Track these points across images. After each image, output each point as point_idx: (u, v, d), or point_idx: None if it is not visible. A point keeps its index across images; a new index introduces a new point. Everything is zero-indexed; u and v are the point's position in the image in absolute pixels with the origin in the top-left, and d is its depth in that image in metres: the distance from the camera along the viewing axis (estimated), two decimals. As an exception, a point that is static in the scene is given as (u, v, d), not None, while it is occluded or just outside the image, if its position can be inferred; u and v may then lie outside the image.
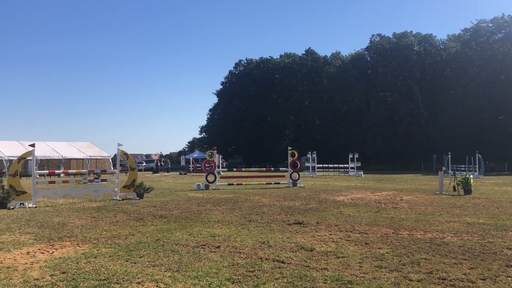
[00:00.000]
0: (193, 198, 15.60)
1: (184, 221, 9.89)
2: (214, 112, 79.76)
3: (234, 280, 5.11)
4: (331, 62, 69.37)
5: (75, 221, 10.20)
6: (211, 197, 16.09)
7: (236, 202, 13.98)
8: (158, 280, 5.11)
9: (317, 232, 8.41)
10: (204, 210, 11.92)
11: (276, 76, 72.05)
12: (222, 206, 13.02)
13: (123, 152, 16.49)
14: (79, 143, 49.88)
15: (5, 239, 7.92)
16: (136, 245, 7.20)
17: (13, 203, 13.03)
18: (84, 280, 5.14)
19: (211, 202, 14.06)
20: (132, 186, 15.87)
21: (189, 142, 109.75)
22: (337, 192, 17.86)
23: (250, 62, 77.80)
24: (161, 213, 11.34)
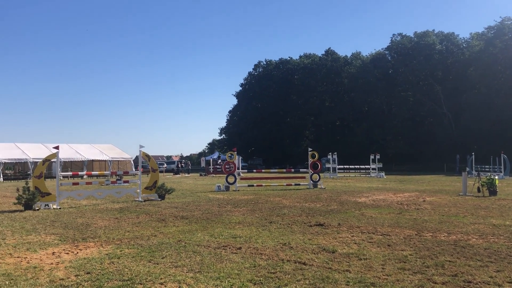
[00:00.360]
0: (214, 199, 15.67)
1: (205, 222, 9.94)
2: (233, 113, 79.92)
3: (256, 282, 5.11)
4: (351, 62, 68.81)
5: (99, 222, 10.35)
6: (232, 198, 16.13)
7: (256, 204, 13.99)
8: (181, 281, 5.15)
9: (339, 233, 8.35)
10: (225, 211, 11.97)
11: (296, 77, 71.86)
12: (242, 207, 13.04)
13: (144, 154, 16.67)
14: (101, 145, 50.62)
15: (31, 240, 8.09)
16: (158, 246, 7.27)
17: (38, 204, 13.30)
18: (108, 281, 5.21)
19: (231, 204, 14.10)
20: (153, 187, 16.03)
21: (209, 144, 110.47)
22: (358, 194, 17.71)
23: (270, 63, 77.75)
24: (183, 214, 11.42)
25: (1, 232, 8.94)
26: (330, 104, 68.46)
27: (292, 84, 71.03)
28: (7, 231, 9.14)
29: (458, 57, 58.21)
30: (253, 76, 78.39)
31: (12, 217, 11.44)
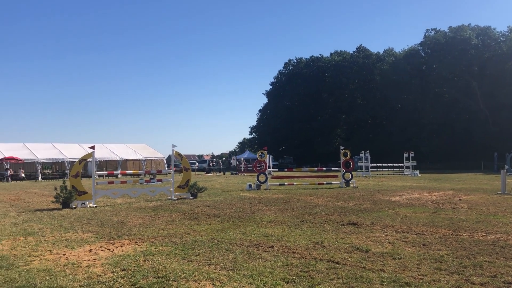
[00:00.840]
0: (245, 198, 15.73)
1: (237, 221, 9.99)
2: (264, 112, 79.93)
3: (288, 280, 5.11)
4: (383, 59, 67.65)
5: (133, 220, 10.56)
6: (263, 197, 16.16)
7: (288, 202, 13.96)
8: (214, 279, 5.20)
9: (372, 233, 8.24)
10: (257, 210, 12.00)
11: (327, 74, 71.23)
12: (274, 206, 13.05)
13: (177, 153, 16.89)
14: (135, 144, 51.63)
15: (69, 237, 8.34)
16: (191, 243, 7.36)
17: (75, 203, 13.69)
18: (143, 277, 5.32)
19: (263, 202, 14.13)
20: (186, 186, 16.23)
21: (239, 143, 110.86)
22: (392, 192, 17.41)
23: (300, 61, 77.36)
24: (215, 213, 11.52)
25: (41, 230, 9.26)
26: (362, 102, 67.53)
27: (323, 82, 70.43)
28: (46, 228, 9.45)
29: (496, 52, 56.26)
30: (284, 75, 78.18)
31: (51, 215, 11.82)
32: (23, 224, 10.19)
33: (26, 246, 7.47)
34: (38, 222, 10.46)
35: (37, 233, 8.87)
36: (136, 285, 5.00)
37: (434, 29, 60.74)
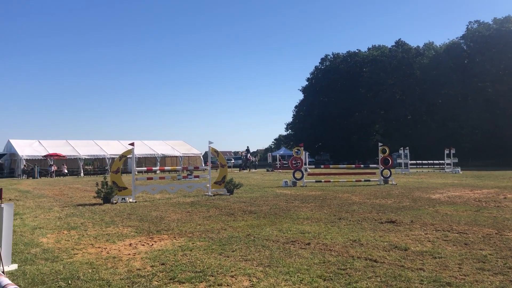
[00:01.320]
0: (281, 195, 15.72)
1: (274, 217, 10.00)
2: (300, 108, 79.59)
3: (325, 278, 5.07)
4: (423, 53, 65.99)
5: (171, 215, 10.75)
6: (299, 194, 16.10)
7: (324, 200, 13.85)
8: (251, 274, 5.22)
9: (412, 231, 8.06)
10: (293, 207, 11.97)
11: (364, 69, 70.16)
12: (310, 203, 12.97)
13: (213, 150, 17.06)
14: (172, 141, 52.52)
15: (110, 231, 8.57)
16: (228, 239, 7.42)
17: (115, 198, 14.06)
18: (182, 272, 5.40)
19: (299, 199, 14.07)
20: (222, 182, 16.37)
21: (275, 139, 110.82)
22: (432, 190, 16.98)
23: (337, 56, 76.55)
24: (251, 209, 11.57)
25: (83, 224, 9.57)
26: (401, 97, 66.12)
27: (361, 77, 69.42)
28: (88, 223, 9.75)
29: (544, 43, 53.84)
30: (320, 70, 77.59)
31: (93, 209, 12.19)
32: (66, 218, 10.55)
33: (69, 240, 7.74)
34: (81, 216, 10.81)
35: (80, 227, 9.17)
36: (175, 279, 5.09)
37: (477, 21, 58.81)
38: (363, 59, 72.13)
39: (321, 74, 76.32)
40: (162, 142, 51.22)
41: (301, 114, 78.29)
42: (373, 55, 70.92)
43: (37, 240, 7.73)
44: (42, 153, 40.50)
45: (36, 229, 8.92)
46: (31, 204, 13.91)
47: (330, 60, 77.06)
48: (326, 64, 77.48)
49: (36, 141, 43.67)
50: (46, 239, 7.89)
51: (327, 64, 77.35)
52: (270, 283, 4.90)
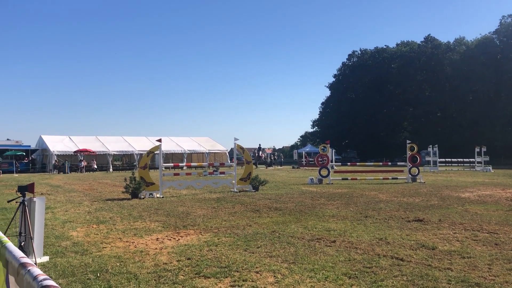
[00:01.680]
0: (307, 192, 15.67)
1: (299, 214, 9.98)
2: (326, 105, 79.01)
3: (351, 275, 5.04)
4: (454, 49, 64.38)
5: (197, 211, 10.86)
6: (325, 191, 16.01)
7: (351, 197, 13.74)
8: (276, 271, 5.23)
9: (439, 230, 7.91)
10: (318, 204, 11.91)
11: (393, 66, 69.03)
12: (336, 200, 12.89)
13: (239, 146, 17.13)
14: (199, 138, 52.97)
15: (137, 226, 8.73)
16: (253, 235, 7.45)
17: (143, 193, 14.29)
18: (207, 267, 5.46)
19: (325, 197, 14.00)
20: (248, 178, 16.43)
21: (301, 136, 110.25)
22: (461, 189, 16.61)
23: (365, 52, 75.58)
24: (276, 206, 11.58)
25: (112, 218, 9.77)
26: (431, 94, 64.75)
27: (389, 74, 68.32)
28: (117, 217, 9.95)
29: None
30: (347, 67, 76.79)
31: (121, 204, 12.43)
32: (95, 212, 10.80)
33: (98, 234, 7.92)
34: (109, 211, 11.04)
35: (108, 221, 9.37)
36: (200, 274, 5.15)
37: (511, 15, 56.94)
38: (391, 55, 70.95)
39: (349, 71, 75.53)
40: (189, 138, 51.73)
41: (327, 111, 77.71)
42: (402, 51, 69.67)
43: (68, 234, 7.94)
44: (73, 148, 41.47)
45: (67, 223, 9.17)
46: (62, 199, 14.28)
47: (358, 56, 76.16)
48: (354, 60, 76.62)
49: (66, 137, 44.75)
50: (76, 232, 8.09)
51: (354, 60, 76.48)
52: (295, 279, 4.90)
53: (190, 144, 49.90)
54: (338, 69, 78.55)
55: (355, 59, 76.35)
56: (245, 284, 4.77)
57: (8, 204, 11.86)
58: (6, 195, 15.53)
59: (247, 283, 4.79)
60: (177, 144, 48.03)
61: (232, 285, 4.74)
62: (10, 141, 44.25)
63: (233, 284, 4.76)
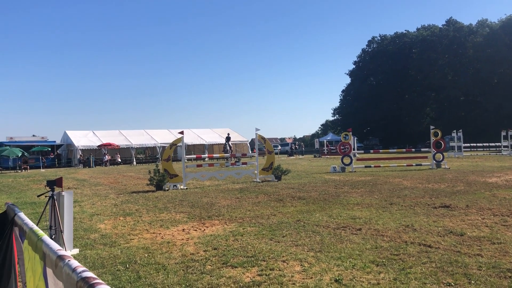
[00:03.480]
0: (330, 181, 15.59)
1: (323, 203, 9.94)
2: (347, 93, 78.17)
3: (378, 263, 5.00)
4: (477, 31, 62.75)
5: (221, 201, 10.93)
6: (348, 179, 15.90)
7: (375, 185, 13.61)
8: (302, 259, 5.23)
9: (467, 216, 7.78)
10: (342, 193, 11.84)
11: (414, 50, 67.72)
12: (360, 188, 12.79)
13: (260, 137, 17.12)
14: (220, 129, 53.15)
15: (163, 217, 8.84)
16: (278, 225, 7.46)
17: (167, 185, 14.45)
18: (234, 257, 5.50)
19: (348, 185, 13.91)
20: (270, 168, 16.43)
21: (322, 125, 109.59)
22: (488, 173, 16.29)
23: (384, 38, 74.33)
24: (300, 195, 11.56)
25: (138, 210, 9.91)
26: (453, 78, 63.37)
27: (410, 59, 67.09)
28: (142, 209, 10.10)
29: None
30: (367, 53, 75.69)
31: (146, 196, 12.60)
32: (122, 205, 10.97)
33: (125, 226, 8.05)
34: (135, 203, 11.20)
35: (135, 213, 9.51)
36: (227, 264, 5.19)
37: (536, -6, 55.12)
38: (412, 40, 69.58)
39: (369, 57, 74.46)
40: (210, 130, 51.97)
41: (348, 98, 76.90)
42: (423, 35, 68.24)
43: (96, 226, 8.09)
44: (97, 143, 42.14)
45: (94, 216, 9.34)
46: (88, 192, 14.55)
47: (378, 42, 74.95)
48: (374, 46, 75.46)
49: (90, 131, 45.48)
50: (104, 225, 8.24)
51: (374, 46, 75.32)
52: (322, 268, 4.89)
53: (211, 135, 50.13)
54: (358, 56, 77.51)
55: (375, 45, 75.17)
56: (272, 273, 4.78)
57: (37, 198, 12.17)
58: (35, 190, 15.91)
59: (274, 272, 4.80)
60: (199, 136, 48.31)
61: (260, 274, 4.76)
62: (36, 137, 45.19)
63: (261, 273, 4.78)
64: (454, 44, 63.10)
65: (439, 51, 64.17)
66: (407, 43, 69.69)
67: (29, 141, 43.09)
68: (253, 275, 4.75)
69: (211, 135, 50.29)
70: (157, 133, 47.72)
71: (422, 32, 69.61)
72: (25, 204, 11.66)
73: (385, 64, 69.92)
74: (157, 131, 48.61)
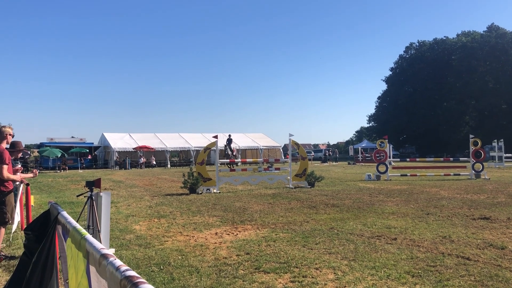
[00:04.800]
0: (364, 189, 15.36)
1: (357, 211, 9.81)
2: (383, 99, 77.01)
3: (414, 274, 4.89)
4: (520, 37, 60.68)
5: (254, 206, 10.95)
6: (383, 188, 15.63)
7: (411, 194, 13.32)
8: (335, 268, 5.17)
9: (508, 229, 7.50)
10: (377, 201, 11.65)
11: (453, 57, 66.09)
12: (395, 197, 12.55)
13: (294, 142, 17.06)
14: (253, 134, 53.37)
15: (196, 220, 8.93)
16: (311, 232, 7.40)
17: (201, 189, 14.60)
18: (266, 262, 5.49)
19: (383, 193, 13.66)
20: (303, 175, 16.34)
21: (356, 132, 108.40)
22: (531, 185, 15.65)
23: (423, 44, 72.92)
24: (333, 202, 11.44)
25: (171, 213, 10.05)
26: (495, 86, 61.40)
27: (449, 66, 65.50)
28: (176, 212, 10.23)
29: None
30: (405, 59, 74.43)
31: (180, 199, 12.76)
32: (156, 207, 11.15)
33: (159, 228, 8.17)
34: (169, 205, 11.36)
35: (169, 215, 9.65)
36: (260, 269, 5.18)
37: None
38: (451, 46, 67.95)
39: (406, 63, 73.16)
40: (243, 135, 52.23)
41: (384, 105, 75.73)
42: (463, 42, 66.52)
43: (131, 227, 8.26)
44: (133, 145, 43.07)
45: (130, 217, 9.53)
46: (124, 194, 14.87)
47: (416, 48, 73.60)
48: (411, 52, 74.13)
49: (127, 134, 46.55)
50: (139, 226, 8.40)
51: (412, 52, 73.99)
52: (356, 277, 4.82)
53: (244, 140, 50.37)
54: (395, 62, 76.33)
55: (413, 51, 73.85)
56: (305, 280, 4.74)
57: (75, 198, 12.54)
58: (73, 190, 16.40)
59: (307, 279, 4.76)
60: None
61: (292, 281, 4.73)
62: (75, 139, 46.61)
63: (293, 280, 4.76)
64: (496, 50, 61.19)
65: (480, 58, 62.38)
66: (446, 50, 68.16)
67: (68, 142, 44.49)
68: (285, 281, 4.72)
69: (244, 139, 50.53)
70: (191, 136, 48.38)
71: (462, 38, 67.95)
72: (64, 203, 12.02)
73: (423, 70, 68.53)
74: (191, 134, 49.28)
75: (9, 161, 6.07)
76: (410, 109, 67.50)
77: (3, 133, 6.15)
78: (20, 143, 7.22)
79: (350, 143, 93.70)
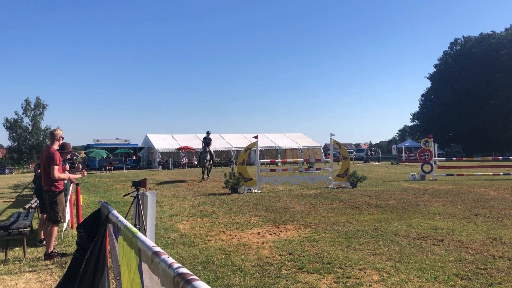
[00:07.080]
0: (409, 189, 15.00)
1: (401, 212, 9.60)
2: (427, 97, 74.89)
3: (463, 276, 4.74)
4: None
5: (295, 206, 10.91)
6: (428, 188, 15.21)
7: (457, 194, 12.90)
8: (380, 269, 5.09)
9: None
10: (422, 202, 11.35)
11: (501, 52, 63.32)
12: (441, 197, 12.18)
13: (335, 142, 16.88)
14: (292, 134, 53.18)
15: (238, 220, 9.00)
16: (354, 232, 7.31)
17: (242, 188, 14.70)
18: (309, 262, 5.47)
19: (428, 193, 13.30)
20: (345, 175, 16.14)
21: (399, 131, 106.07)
22: None
23: (468, 39, 70.36)
24: (377, 203, 11.24)
25: (214, 212, 10.17)
26: (547, 81, 58.46)
27: (497, 61, 62.83)
28: (218, 211, 10.35)
29: None
30: (449, 56, 72.05)
31: (222, 199, 12.90)
32: (199, 206, 11.32)
33: (203, 227, 8.29)
34: (211, 205, 11.50)
35: (211, 215, 9.77)
36: (303, 269, 5.17)
37: None
38: (499, 41, 65.15)
39: (451, 60, 70.81)
40: (283, 135, 52.15)
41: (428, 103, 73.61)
42: (512, 36, 63.75)
43: (175, 226, 8.42)
44: (175, 146, 43.87)
45: (173, 216, 9.73)
46: (168, 193, 15.17)
47: (461, 44, 71.11)
48: (456, 48, 71.68)
49: (169, 135, 47.47)
50: (183, 225, 8.55)
51: (457, 48, 71.54)
52: (401, 278, 4.73)
53: (284, 140, 50.27)
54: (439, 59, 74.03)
55: (458, 47, 71.38)
56: (349, 281, 4.69)
57: (121, 197, 12.91)
58: (119, 189, 16.89)
59: (351, 280, 4.71)
60: (272, 141, 48.66)
61: (336, 282, 4.69)
62: (120, 140, 48.02)
63: (337, 281, 4.72)
64: (549, 44, 58.24)
65: (531, 52, 59.51)
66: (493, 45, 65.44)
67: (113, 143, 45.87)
68: (329, 282, 4.69)
69: (284, 139, 50.44)
70: (231, 137, 48.75)
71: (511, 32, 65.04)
72: (110, 203, 12.39)
73: (468, 67, 66.15)
74: (231, 135, 49.65)
75: (59, 162, 6.34)
76: (456, 107, 65.29)
77: (55, 136, 6.43)
78: (69, 144, 7.53)
79: (393, 142, 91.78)
